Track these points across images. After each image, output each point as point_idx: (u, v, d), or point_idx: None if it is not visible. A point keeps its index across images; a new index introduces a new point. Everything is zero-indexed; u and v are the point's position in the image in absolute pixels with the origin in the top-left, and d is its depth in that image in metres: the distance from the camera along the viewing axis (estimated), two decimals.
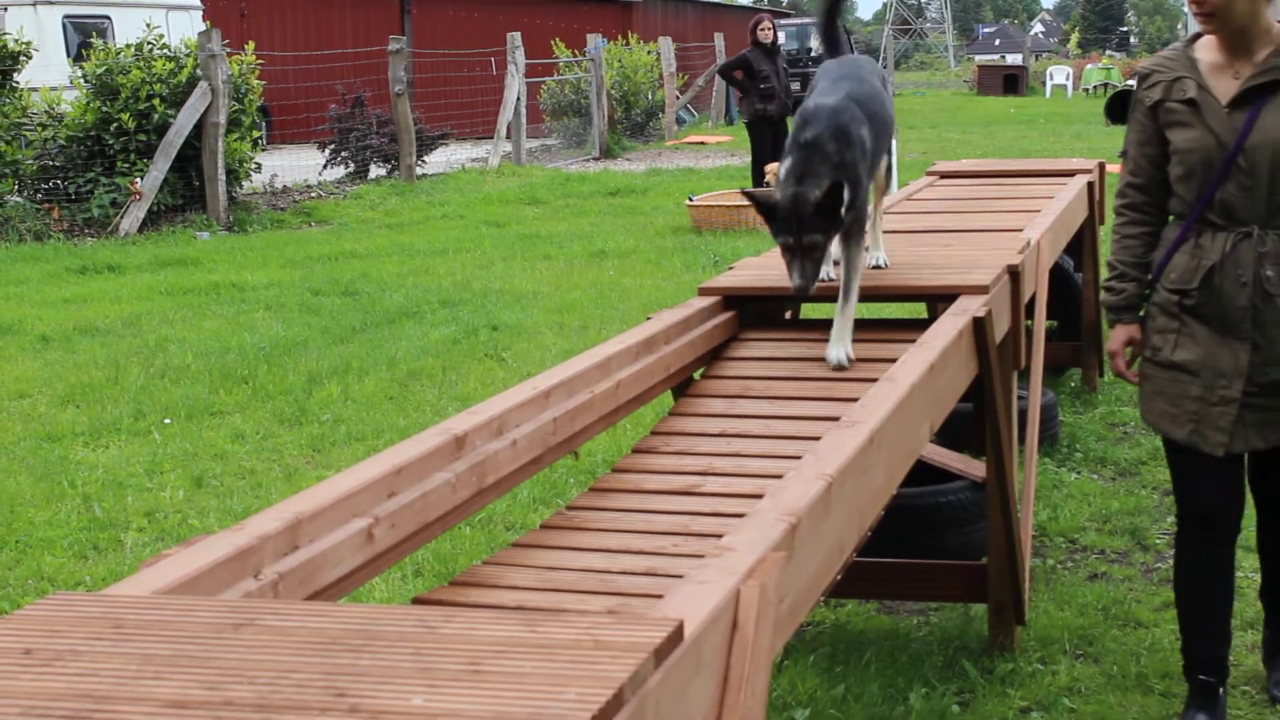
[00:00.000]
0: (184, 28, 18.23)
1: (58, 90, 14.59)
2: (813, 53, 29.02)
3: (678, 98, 26.02)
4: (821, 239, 3.47)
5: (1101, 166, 6.88)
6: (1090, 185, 6.47)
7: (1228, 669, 3.66)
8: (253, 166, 15.27)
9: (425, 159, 18.28)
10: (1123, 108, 19.76)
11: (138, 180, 13.73)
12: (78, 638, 1.63)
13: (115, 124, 13.83)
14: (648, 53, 25.10)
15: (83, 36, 18.04)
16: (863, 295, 3.74)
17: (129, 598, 1.81)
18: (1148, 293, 3.56)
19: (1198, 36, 3.49)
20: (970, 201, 5.98)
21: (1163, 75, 3.47)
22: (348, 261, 11.84)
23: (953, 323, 3.53)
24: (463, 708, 1.41)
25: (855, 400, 2.92)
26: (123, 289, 10.73)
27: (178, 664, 1.55)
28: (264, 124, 18.43)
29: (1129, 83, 26.47)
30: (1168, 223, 3.55)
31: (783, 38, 18.17)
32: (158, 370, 7.87)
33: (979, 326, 3.59)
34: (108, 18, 18.96)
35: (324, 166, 17.64)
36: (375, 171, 17.85)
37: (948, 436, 4.82)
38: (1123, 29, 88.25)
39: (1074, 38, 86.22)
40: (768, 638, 1.89)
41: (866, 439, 2.56)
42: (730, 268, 4.42)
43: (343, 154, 17.76)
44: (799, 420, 3.29)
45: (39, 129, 14.15)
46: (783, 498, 2.23)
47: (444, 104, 22.09)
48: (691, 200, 13.28)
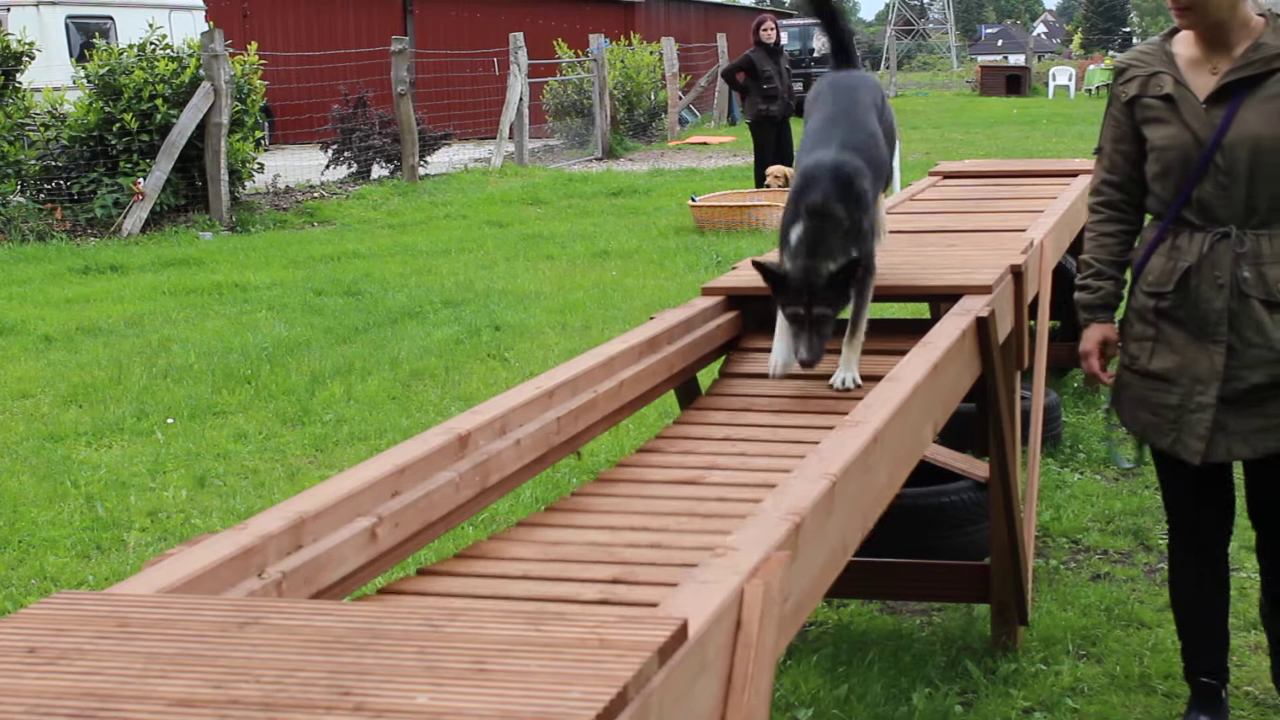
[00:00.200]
0: (187, 28, 18.24)
1: (60, 90, 14.60)
2: (815, 53, 29.00)
3: (680, 98, 26.03)
4: (831, 312, 3.41)
5: None
6: None
7: (1228, 672, 3.64)
8: (255, 167, 15.27)
9: (428, 159, 18.28)
10: None
11: (140, 180, 13.73)
12: (83, 636, 1.63)
13: (118, 124, 13.83)
14: (650, 53, 25.09)
15: (85, 37, 18.07)
16: None
17: (134, 596, 1.81)
18: (1126, 296, 3.45)
19: (1176, 30, 3.35)
20: (973, 202, 5.97)
21: (1139, 70, 3.33)
22: (350, 261, 11.84)
23: (956, 323, 3.52)
24: (467, 706, 1.41)
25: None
26: (125, 289, 10.74)
27: (183, 662, 1.55)
28: (267, 124, 18.45)
29: None
30: (1145, 222, 3.44)
31: (785, 38, 18.16)
32: (160, 370, 7.88)
33: (982, 326, 3.58)
34: (110, 18, 18.97)
35: (326, 167, 17.64)
36: (378, 172, 17.85)
37: (951, 437, 4.82)
38: (1125, 29, 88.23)
39: (1077, 38, 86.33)
40: (771, 637, 1.89)
41: (870, 438, 2.56)
42: (733, 268, 4.41)
43: (345, 154, 17.77)
44: (803, 429, 3.29)
45: (42, 129, 14.16)
46: (786, 497, 2.23)
47: (447, 104, 22.11)
48: (694, 200, 13.28)
